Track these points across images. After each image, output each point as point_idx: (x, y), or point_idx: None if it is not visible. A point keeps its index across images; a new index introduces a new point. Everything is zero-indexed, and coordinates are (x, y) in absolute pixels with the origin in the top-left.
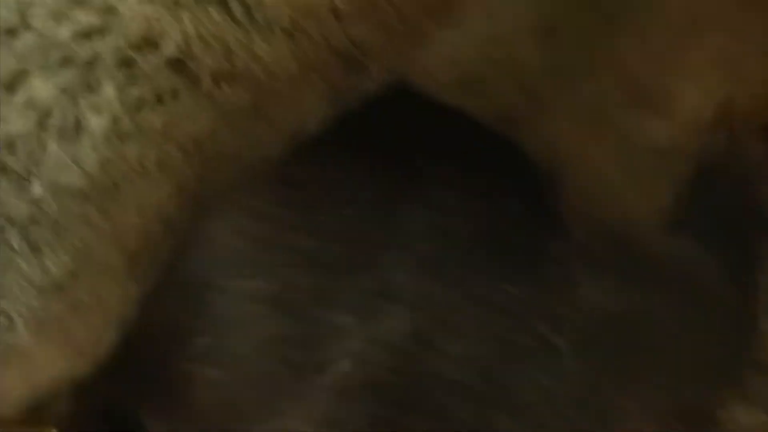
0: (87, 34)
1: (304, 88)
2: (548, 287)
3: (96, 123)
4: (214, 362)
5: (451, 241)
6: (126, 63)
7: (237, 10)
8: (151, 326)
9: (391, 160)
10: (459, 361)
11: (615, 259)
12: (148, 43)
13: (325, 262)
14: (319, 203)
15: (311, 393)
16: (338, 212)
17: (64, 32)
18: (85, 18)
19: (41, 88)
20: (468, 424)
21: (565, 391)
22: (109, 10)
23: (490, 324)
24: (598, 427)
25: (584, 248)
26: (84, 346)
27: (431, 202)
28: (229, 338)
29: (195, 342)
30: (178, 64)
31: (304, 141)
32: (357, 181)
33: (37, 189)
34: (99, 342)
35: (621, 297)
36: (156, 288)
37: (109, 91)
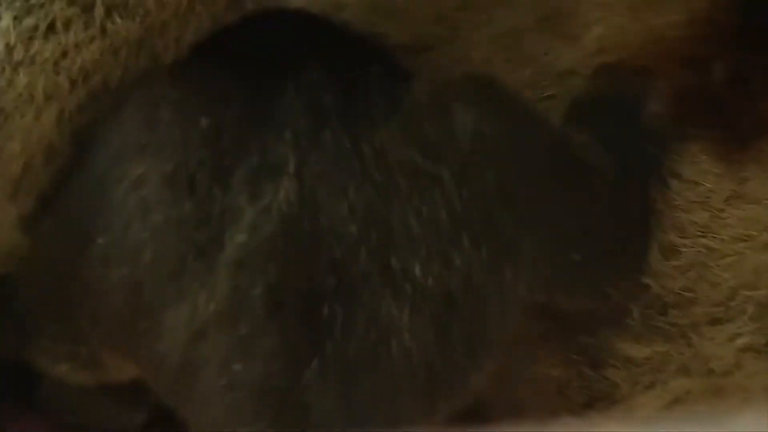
0: None
1: (189, 20)
2: (419, 122)
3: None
4: (114, 260)
5: (322, 114)
6: None
7: None
8: (49, 248)
9: (268, 56)
10: (345, 213)
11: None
12: None
13: (216, 144)
14: (208, 91)
15: (214, 270)
16: (226, 100)
17: None
18: None
19: None
20: (365, 268)
21: (454, 217)
22: None
23: (367, 172)
24: (496, 254)
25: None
26: None
27: (303, 87)
28: (130, 228)
29: (95, 245)
30: None
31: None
32: (240, 74)
33: None
34: None
35: (497, 121)
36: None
37: (6, 20)
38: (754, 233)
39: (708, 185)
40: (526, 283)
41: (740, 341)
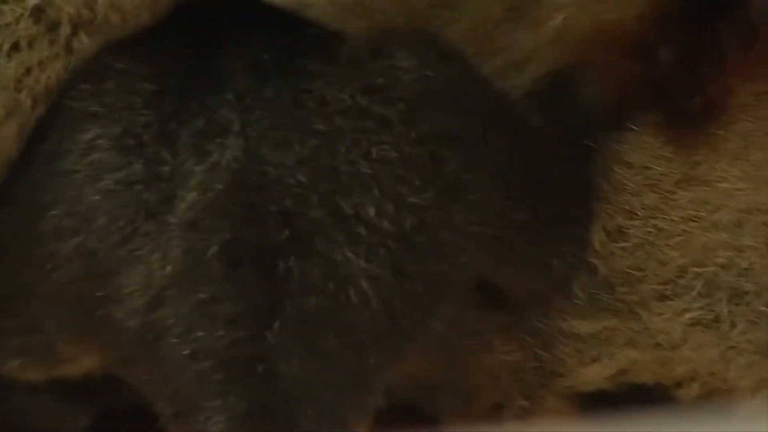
0: None
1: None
2: (362, 68)
3: None
4: (68, 230)
5: (259, 74)
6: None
7: None
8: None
9: (208, 26)
10: (291, 164)
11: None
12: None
13: (161, 107)
14: (151, 60)
15: (167, 232)
16: (169, 66)
17: None
18: None
19: None
20: (317, 216)
21: (403, 157)
22: None
23: (310, 122)
24: (445, 193)
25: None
26: None
27: (242, 48)
28: (81, 195)
29: (47, 218)
30: (38, 13)
31: None
32: (182, 43)
33: None
34: None
35: (441, 68)
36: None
37: None
38: (703, 214)
39: (659, 169)
40: (476, 224)
41: (688, 316)
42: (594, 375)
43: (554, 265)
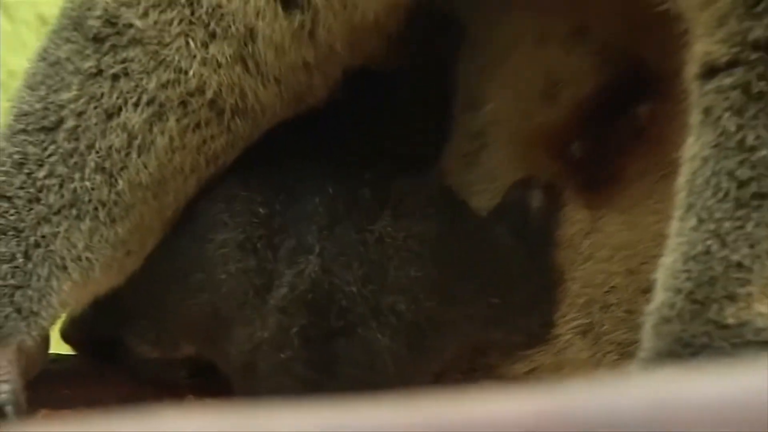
0: (165, 86)
1: (281, 118)
2: (406, 220)
3: (159, 141)
4: (204, 290)
5: (334, 215)
6: (183, 103)
7: (252, 66)
8: (160, 271)
9: (302, 165)
10: (351, 278)
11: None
12: (199, 91)
13: (270, 225)
14: (264, 191)
15: (266, 307)
16: (276, 197)
17: (153, 82)
18: (164, 74)
19: (132, 118)
20: (363, 312)
21: (427, 276)
22: (180, 70)
23: (366, 251)
24: (447, 298)
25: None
26: (126, 273)
27: (324, 198)
28: (215, 271)
29: (194, 277)
30: (213, 103)
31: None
32: (284, 182)
33: (121, 183)
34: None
35: (450, 226)
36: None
37: (172, 120)
38: (594, 252)
39: (574, 228)
40: (466, 319)
41: (575, 324)
42: (516, 372)
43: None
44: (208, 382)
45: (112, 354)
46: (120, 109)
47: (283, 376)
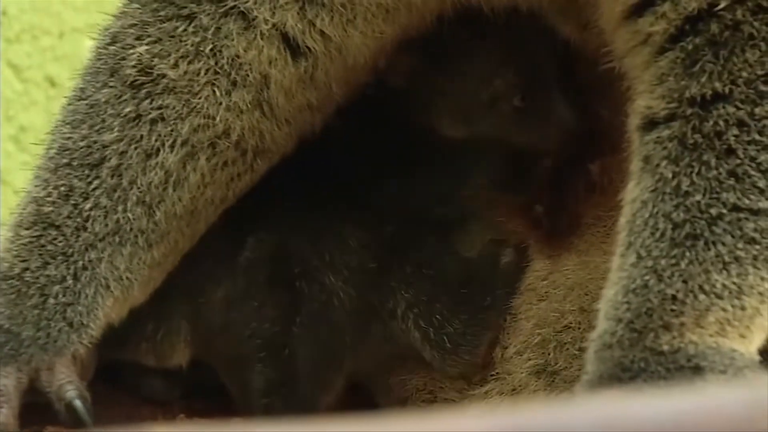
0: (196, 130)
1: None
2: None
3: (192, 177)
4: (229, 304)
5: (360, 256)
6: (212, 144)
7: (267, 110)
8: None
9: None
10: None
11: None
12: (226, 134)
13: (289, 265)
14: (283, 230)
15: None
16: (293, 235)
17: (186, 127)
18: (195, 120)
19: (169, 158)
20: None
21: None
22: (209, 116)
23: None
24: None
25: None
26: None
27: (347, 242)
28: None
29: (216, 290)
30: (238, 144)
31: None
32: (300, 244)
33: (158, 214)
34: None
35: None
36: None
37: (203, 159)
38: (549, 292)
39: (535, 274)
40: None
41: (530, 363)
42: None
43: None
44: (199, 402)
45: (113, 378)
46: (158, 150)
47: (256, 321)
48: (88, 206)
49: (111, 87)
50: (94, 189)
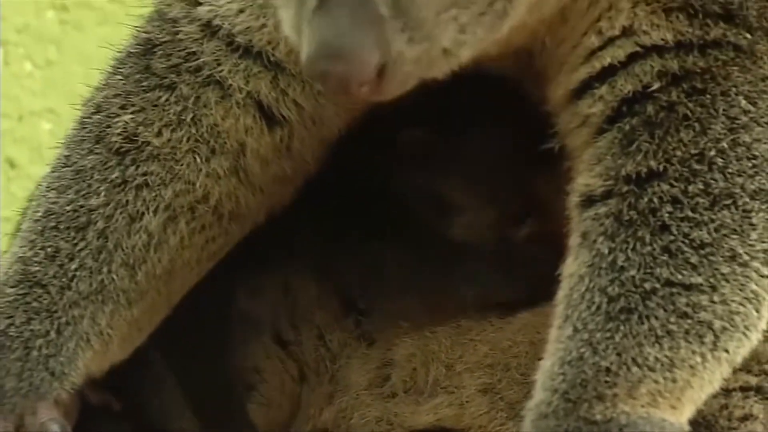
0: (178, 195)
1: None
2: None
3: (172, 240)
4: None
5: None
6: (192, 209)
7: (243, 177)
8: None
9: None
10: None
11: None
12: (205, 198)
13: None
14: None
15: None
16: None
17: (169, 192)
18: (177, 185)
19: (152, 222)
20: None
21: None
22: (190, 182)
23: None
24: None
25: None
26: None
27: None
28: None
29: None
30: (215, 209)
31: None
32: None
33: (140, 275)
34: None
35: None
36: None
37: (182, 223)
38: (506, 325)
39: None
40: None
41: (479, 381)
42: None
43: None
44: None
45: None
46: (143, 214)
47: None
48: (73, 267)
49: (97, 154)
50: (80, 250)
